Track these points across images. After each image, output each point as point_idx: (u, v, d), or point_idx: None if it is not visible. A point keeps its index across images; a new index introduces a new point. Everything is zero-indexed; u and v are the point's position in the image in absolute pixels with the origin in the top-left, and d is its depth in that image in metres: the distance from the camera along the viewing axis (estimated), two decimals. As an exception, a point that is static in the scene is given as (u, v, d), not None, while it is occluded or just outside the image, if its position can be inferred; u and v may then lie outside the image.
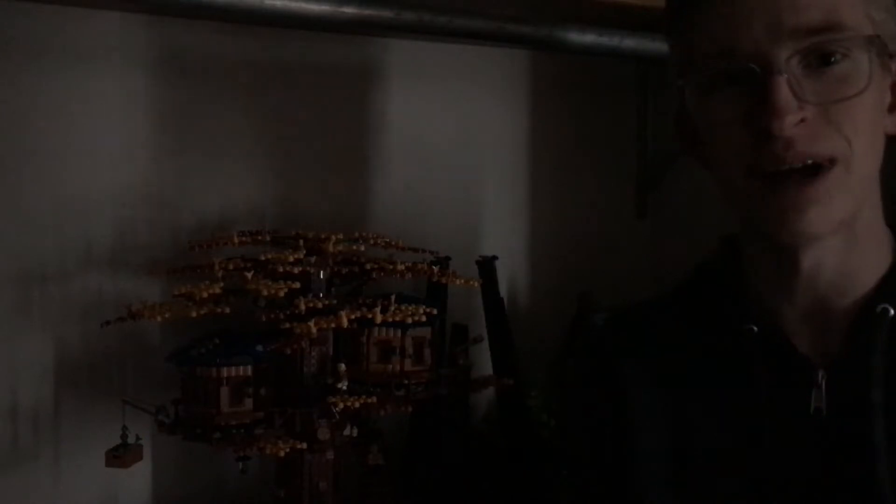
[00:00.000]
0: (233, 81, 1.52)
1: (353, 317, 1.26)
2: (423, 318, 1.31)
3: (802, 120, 0.68)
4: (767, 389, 0.75)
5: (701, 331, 0.81)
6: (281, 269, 1.29)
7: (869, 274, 0.76)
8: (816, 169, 0.69)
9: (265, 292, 1.25)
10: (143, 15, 1.43)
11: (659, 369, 0.82)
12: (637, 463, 0.81)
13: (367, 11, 1.38)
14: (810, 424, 0.73)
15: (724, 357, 0.78)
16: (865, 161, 0.71)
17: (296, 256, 1.31)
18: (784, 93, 0.67)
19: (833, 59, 0.69)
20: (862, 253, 0.75)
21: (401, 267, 1.39)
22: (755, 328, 0.76)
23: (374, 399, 1.29)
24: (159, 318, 1.23)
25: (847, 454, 0.72)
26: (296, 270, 1.30)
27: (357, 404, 1.26)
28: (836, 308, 0.76)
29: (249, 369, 1.28)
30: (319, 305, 1.30)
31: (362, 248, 1.43)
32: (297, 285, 1.28)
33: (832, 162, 0.69)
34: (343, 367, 1.30)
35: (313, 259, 1.34)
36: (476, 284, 1.52)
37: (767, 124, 0.68)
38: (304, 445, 1.25)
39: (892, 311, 0.74)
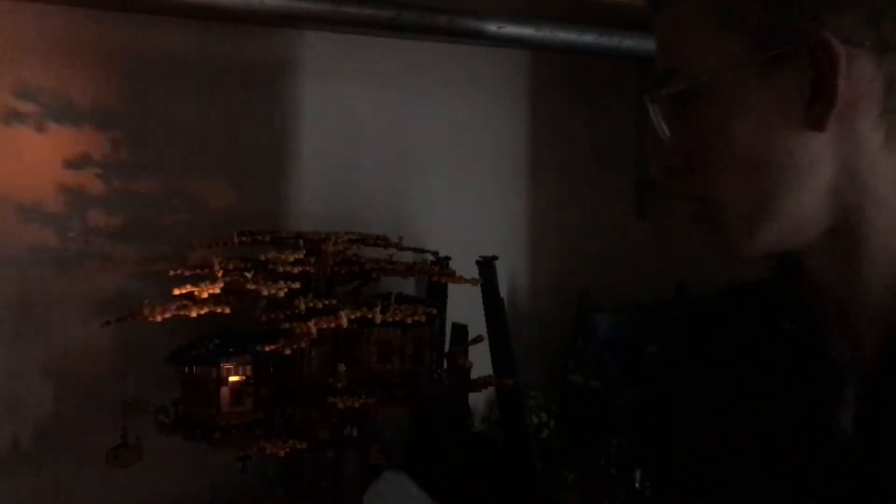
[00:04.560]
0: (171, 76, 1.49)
1: (353, 317, 1.26)
2: (423, 318, 1.31)
3: (667, 167, 0.67)
4: (793, 398, 0.68)
5: (758, 327, 0.74)
6: (281, 269, 1.29)
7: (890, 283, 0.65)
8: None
9: (265, 292, 1.25)
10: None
11: (710, 365, 0.77)
12: (670, 462, 0.79)
13: (368, 11, 1.38)
14: (834, 444, 0.65)
15: (767, 357, 0.71)
16: (749, 194, 0.63)
17: (296, 256, 1.31)
18: (653, 143, 0.68)
19: (685, 104, 0.66)
20: (873, 261, 0.64)
21: (401, 267, 1.39)
22: (789, 326, 0.69)
23: (374, 399, 1.29)
24: (159, 318, 1.23)
25: (871, 482, 0.63)
26: (296, 270, 1.30)
27: (357, 404, 1.26)
28: (863, 318, 0.66)
29: (249, 369, 1.28)
30: (319, 305, 1.30)
31: (361, 248, 1.43)
32: (297, 285, 1.28)
33: (704, 203, 0.66)
34: (343, 367, 1.30)
35: (313, 259, 1.34)
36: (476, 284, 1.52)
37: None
38: (304, 445, 1.25)
39: None
